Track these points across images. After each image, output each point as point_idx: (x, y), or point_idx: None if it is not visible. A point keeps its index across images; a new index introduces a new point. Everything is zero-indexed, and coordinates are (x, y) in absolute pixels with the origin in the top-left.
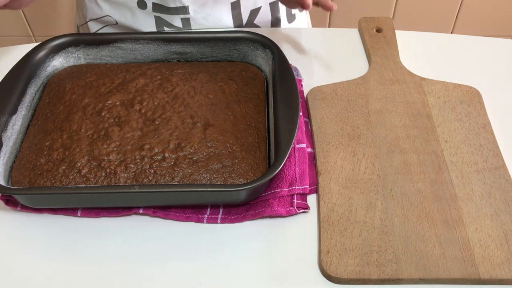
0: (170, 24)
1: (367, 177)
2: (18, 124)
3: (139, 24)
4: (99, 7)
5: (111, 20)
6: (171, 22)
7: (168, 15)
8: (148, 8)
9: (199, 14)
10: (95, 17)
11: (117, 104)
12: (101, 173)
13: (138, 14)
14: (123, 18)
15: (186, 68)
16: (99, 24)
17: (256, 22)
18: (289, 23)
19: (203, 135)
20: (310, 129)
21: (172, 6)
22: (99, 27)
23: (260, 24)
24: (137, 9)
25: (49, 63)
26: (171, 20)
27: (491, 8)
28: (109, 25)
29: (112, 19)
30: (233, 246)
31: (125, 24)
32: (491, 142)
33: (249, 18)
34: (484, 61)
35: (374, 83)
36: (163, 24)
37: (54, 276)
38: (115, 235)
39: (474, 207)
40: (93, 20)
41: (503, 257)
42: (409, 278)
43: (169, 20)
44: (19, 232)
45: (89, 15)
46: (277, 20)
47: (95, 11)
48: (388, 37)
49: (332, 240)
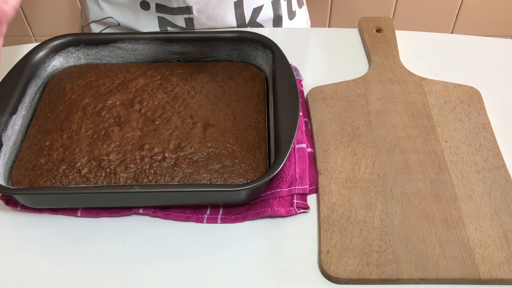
0: (173, 24)
1: (367, 177)
2: (18, 124)
3: (142, 25)
4: (100, 9)
5: (113, 21)
6: (174, 22)
7: (171, 15)
8: (151, 9)
9: (202, 14)
10: (97, 18)
11: (117, 104)
12: (101, 173)
13: (140, 15)
14: (126, 20)
15: (186, 68)
16: (101, 26)
17: (259, 20)
18: (290, 20)
19: (203, 135)
20: (310, 129)
21: (176, 6)
22: (102, 29)
23: (262, 22)
24: (140, 10)
25: (49, 63)
26: (175, 20)
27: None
28: (111, 26)
29: (114, 21)
30: (233, 246)
31: (128, 25)
32: (491, 142)
33: (252, 17)
34: (484, 61)
35: (374, 83)
36: (166, 25)
37: (54, 276)
38: (115, 235)
39: (474, 207)
40: (95, 22)
41: (503, 257)
42: (409, 278)
43: (172, 20)
44: (19, 232)
45: (91, 16)
46: (279, 18)
47: (97, 13)
48: (388, 37)
49: (332, 240)
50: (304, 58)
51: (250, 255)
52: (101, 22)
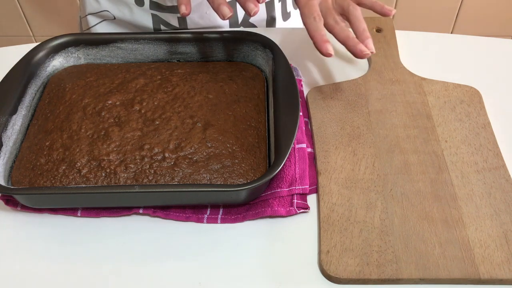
0: (166, 23)
1: (367, 177)
2: (18, 124)
3: (137, 21)
4: (97, 2)
5: (109, 15)
6: (167, 20)
7: (164, 13)
8: (145, 5)
9: (195, 13)
10: (93, 11)
11: (117, 104)
12: (101, 173)
13: (135, 11)
14: (121, 14)
15: (186, 68)
16: (97, 19)
17: (252, 21)
18: (284, 21)
19: (203, 135)
20: (310, 129)
21: (169, 4)
22: (97, 21)
23: (255, 23)
24: (134, 6)
25: (49, 63)
26: (168, 18)
27: (491, 8)
28: (107, 19)
29: (110, 14)
30: (233, 246)
31: (123, 19)
32: (491, 142)
33: (244, 17)
34: (484, 61)
35: (374, 83)
36: (159, 22)
37: (54, 276)
38: (115, 235)
39: (474, 207)
40: (91, 14)
41: (503, 257)
42: (409, 278)
43: (165, 19)
44: (19, 232)
45: (88, 9)
46: (272, 19)
47: (93, 5)
48: (388, 37)
49: (332, 240)
50: (304, 58)
51: (250, 255)
52: (97, 15)
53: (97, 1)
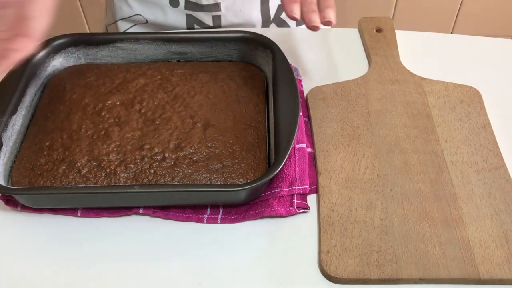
0: (200, 22)
1: (367, 177)
2: (18, 124)
3: (170, 22)
4: (129, 6)
5: (141, 19)
6: (202, 20)
7: (200, 13)
8: (180, 6)
9: (230, 11)
10: (124, 16)
11: (117, 104)
12: (101, 173)
13: (169, 12)
14: (154, 17)
15: (186, 68)
16: (128, 23)
17: (283, 17)
18: None
19: (203, 135)
20: (310, 129)
21: (205, 3)
22: (128, 26)
23: (286, 19)
24: (168, 8)
25: (49, 63)
26: (202, 18)
27: (491, 8)
28: (138, 24)
29: (143, 18)
30: (233, 246)
31: (156, 22)
32: (491, 142)
33: (276, 13)
34: (484, 61)
35: (374, 83)
36: (193, 22)
37: (54, 276)
38: (115, 235)
39: (474, 207)
40: (122, 20)
41: (503, 257)
42: (409, 278)
43: (200, 18)
44: (19, 232)
45: (118, 14)
46: None
47: (125, 10)
48: (388, 37)
49: (332, 240)
50: (304, 58)
51: (250, 255)
52: (128, 20)
53: (129, 5)
